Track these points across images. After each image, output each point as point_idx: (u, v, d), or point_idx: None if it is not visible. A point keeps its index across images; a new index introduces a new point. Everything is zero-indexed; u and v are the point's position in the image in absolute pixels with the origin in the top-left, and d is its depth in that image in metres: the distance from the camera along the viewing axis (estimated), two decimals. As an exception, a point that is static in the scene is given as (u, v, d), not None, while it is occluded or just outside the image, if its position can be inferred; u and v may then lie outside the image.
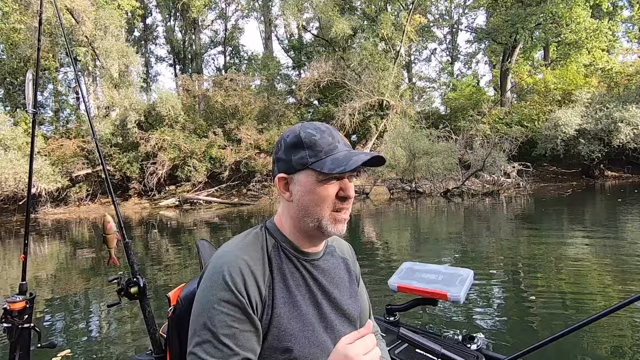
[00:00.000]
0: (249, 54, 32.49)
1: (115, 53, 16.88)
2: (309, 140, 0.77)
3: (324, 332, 0.82)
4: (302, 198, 0.78)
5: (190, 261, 5.91)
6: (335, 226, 0.79)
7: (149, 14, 29.74)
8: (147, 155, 17.26)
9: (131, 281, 1.59)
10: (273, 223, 0.86)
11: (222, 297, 0.71)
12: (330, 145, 0.77)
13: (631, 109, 15.72)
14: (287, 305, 0.77)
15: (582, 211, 9.88)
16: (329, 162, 0.75)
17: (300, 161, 0.77)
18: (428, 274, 1.62)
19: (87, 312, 3.86)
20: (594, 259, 4.73)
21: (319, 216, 0.78)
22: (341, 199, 0.78)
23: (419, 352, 1.33)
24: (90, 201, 17.58)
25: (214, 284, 0.73)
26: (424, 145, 15.47)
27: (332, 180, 0.77)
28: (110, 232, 1.63)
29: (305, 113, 22.87)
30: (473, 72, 32.34)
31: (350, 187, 0.79)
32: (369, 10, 22.24)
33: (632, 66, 19.64)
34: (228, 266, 0.74)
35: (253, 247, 0.80)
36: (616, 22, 22.70)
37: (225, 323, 0.70)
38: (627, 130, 15.60)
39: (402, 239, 7.38)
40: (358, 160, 0.74)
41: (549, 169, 19.32)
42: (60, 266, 6.39)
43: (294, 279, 0.80)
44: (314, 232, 0.81)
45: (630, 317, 2.89)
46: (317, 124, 0.81)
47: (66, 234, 10.74)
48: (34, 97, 1.82)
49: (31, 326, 1.59)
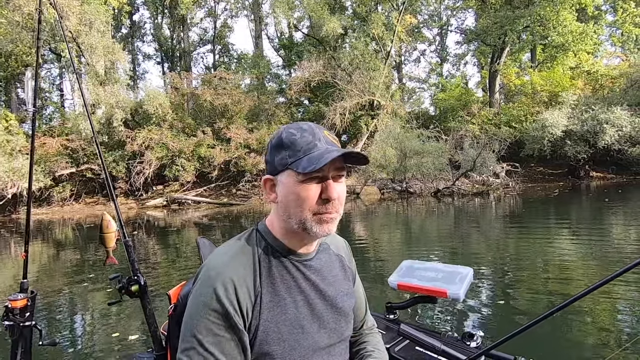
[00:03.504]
0: (238, 52, 32.24)
1: (101, 49, 16.46)
2: (289, 140, 0.77)
3: (318, 331, 0.82)
4: (284, 199, 0.78)
5: (181, 262, 5.74)
6: (321, 226, 0.77)
7: (136, 10, 29.18)
8: (134, 154, 16.90)
9: (132, 279, 1.60)
10: (264, 225, 0.86)
11: (211, 306, 0.72)
12: (309, 144, 0.76)
13: (616, 110, 16.05)
14: (274, 310, 0.77)
15: (569, 211, 10.02)
16: (305, 161, 0.74)
17: (281, 162, 0.77)
18: (428, 272, 1.62)
19: (88, 310, 3.86)
20: (592, 258, 4.78)
21: (301, 217, 0.77)
22: (324, 200, 0.76)
23: (419, 349, 1.33)
24: (74, 201, 17.13)
25: (204, 292, 0.73)
26: (415, 146, 15.53)
27: (312, 181, 0.75)
28: (110, 231, 1.64)
29: (296, 112, 22.75)
30: (462, 73, 32.71)
31: (332, 188, 0.76)
32: (359, 10, 22.24)
33: (616, 69, 20.12)
34: (219, 276, 0.74)
35: (244, 253, 0.80)
36: (601, 26, 23.22)
37: (211, 331, 0.71)
38: (612, 132, 15.93)
39: (395, 238, 7.34)
40: (330, 156, 0.72)
41: (536, 169, 19.62)
42: (57, 265, 6.16)
43: (284, 282, 0.80)
44: (301, 233, 0.79)
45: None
46: (301, 124, 0.80)
47: (49, 235, 10.41)
48: (34, 95, 1.83)
49: (32, 324, 1.61)
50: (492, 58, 23.08)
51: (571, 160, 17.44)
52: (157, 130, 17.40)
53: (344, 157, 0.77)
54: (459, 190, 15.02)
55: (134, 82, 27.92)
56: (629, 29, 23.51)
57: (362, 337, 1.01)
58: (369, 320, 1.05)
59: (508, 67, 23.63)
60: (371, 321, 1.06)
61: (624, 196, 11.93)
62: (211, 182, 17.86)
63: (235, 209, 14.61)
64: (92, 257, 6.57)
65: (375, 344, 0.99)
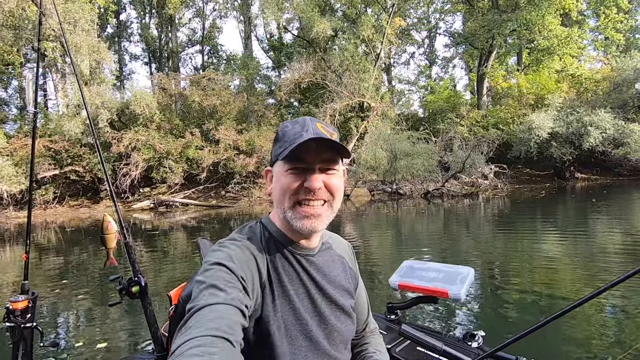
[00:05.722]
0: (227, 53, 31.97)
1: (86, 48, 16.08)
2: (282, 132, 0.80)
3: (318, 326, 0.81)
4: (274, 189, 0.81)
5: (170, 266, 5.59)
6: (301, 221, 0.77)
7: (122, 10, 28.66)
8: (120, 155, 16.53)
9: (132, 280, 1.61)
10: (268, 217, 0.87)
11: (221, 261, 0.71)
12: (295, 135, 0.76)
13: (600, 113, 16.41)
14: (279, 298, 0.77)
15: (560, 212, 10.15)
16: (286, 150, 0.75)
17: (275, 153, 0.80)
18: (428, 272, 1.62)
19: (89, 312, 3.84)
20: (588, 256, 4.84)
21: (284, 207, 0.78)
22: (306, 190, 0.76)
23: (420, 350, 1.33)
24: (57, 204, 16.65)
25: (216, 253, 0.74)
26: (405, 147, 15.58)
27: (296, 170, 0.76)
28: (111, 232, 1.64)
29: (286, 114, 22.64)
30: (450, 75, 33.10)
31: (314, 177, 0.76)
32: (349, 12, 22.30)
33: (599, 73, 20.61)
34: (233, 244, 0.76)
35: (251, 240, 0.80)
36: (584, 30, 23.78)
37: (222, 278, 0.68)
38: (596, 134, 16.27)
39: (386, 239, 7.30)
40: (298, 141, 0.73)
41: (523, 170, 19.92)
42: (55, 267, 5.91)
43: (286, 273, 0.80)
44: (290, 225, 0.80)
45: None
46: (300, 118, 0.82)
47: (32, 238, 10.03)
48: (35, 97, 1.79)
49: (33, 325, 1.61)
50: (479, 61, 23.38)
51: (557, 161, 17.76)
52: (144, 131, 17.07)
53: (325, 147, 0.76)
54: (448, 192, 15.11)
55: (120, 82, 27.40)
56: (610, 33, 24.15)
57: (363, 339, 1.01)
58: (371, 323, 1.05)
59: (495, 70, 23.99)
60: (373, 324, 1.06)
61: (609, 196, 12.17)
62: (199, 184, 17.60)
63: (224, 211, 14.40)
64: (91, 258, 6.45)
65: (376, 346, 1.00)
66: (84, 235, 10.06)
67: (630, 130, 16.11)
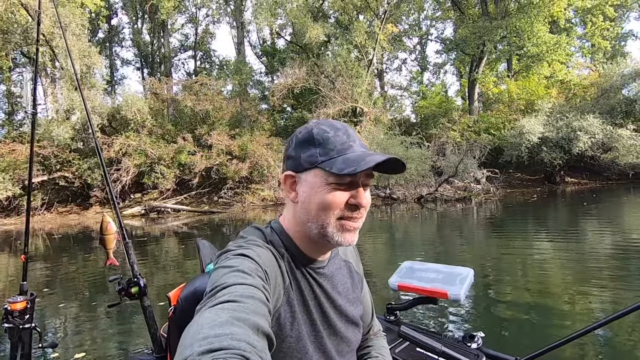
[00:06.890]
0: (220, 59, 31.94)
1: (76, 53, 15.91)
2: (321, 138, 0.72)
3: (329, 337, 0.79)
4: (307, 200, 0.72)
5: (162, 271, 5.47)
6: (343, 235, 0.72)
7: (114, 14, 28.50)
8: (111, 161, 16.31)
9: (131, 281, 1.61)
10: (279, 224, 0.80)
11: (246, 253, 0.66)
12: (344, 145, 0.71)
13: (588, 118, 16.70)
14: (300, 306, 0.75)
15: (552, 215, 10.23)
16: (339, 161, 0.69)
17: (309, 159, 0.72)
18: (428, 273, 1.61)
19: (88, 312, 3.86)
20: (582, 260, 4.86)
21: (323, 222, 0.71)
22: (351, 207, 0.71)
23: (420, 351, 1.32)
24: (46, 211, 16.33)
25: (238, 249, 0.68)
26: (399, 152, 15.63)
27: (342, 185, 0.70)
28: (110, 233, 1.64)
29: (279, 119, 22.62)
30: (442, 81, 33.46)
31: (362, 194, 0.72)
32: (342, 18, 22.46)
33: (587, 79, 21.02)
34: (255, 244, 0.71)
35: (272, 242, 0.77)
36: (572, 37, 24.28)
37: (247, 266, 0.63)
38: (585, 139, 16.54)
39: (383, 243, 7.27)
40: (372, 160, 0.66)
41: (514, 175, 20.11)
42: (55, 268, 5.75)
43: (305, 284, 0.78)
44: (319, 239, 0.74)
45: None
46: (333, 122, 0.76)
47: (18, 245, 9.81)
48: (34, 97, 1.79)
49: (32, 326, 1.60)
50: (470, 67, 23.67)
51: (547, 166, 17.97)
52: (136, 136, 16.89)
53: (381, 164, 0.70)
54: (441, 196, 15.16)
55: (111, 87, 27.14)
56: (597, 41, 24.68)
57: (367, 342, 1.00)
58: (375, 325, 1.04)
59: (486, 76, 24.32)
60: (377, 326, 1.05)
61: (599, 200, 12.33)
62: (192, 190, 17.42)
63: (216, 217, 14.25)
64: (90, 260, 6.27)
65: (379, 348, 0.98)
66: (73, 241, 9.84)
67: (619, 135, 16.41)
